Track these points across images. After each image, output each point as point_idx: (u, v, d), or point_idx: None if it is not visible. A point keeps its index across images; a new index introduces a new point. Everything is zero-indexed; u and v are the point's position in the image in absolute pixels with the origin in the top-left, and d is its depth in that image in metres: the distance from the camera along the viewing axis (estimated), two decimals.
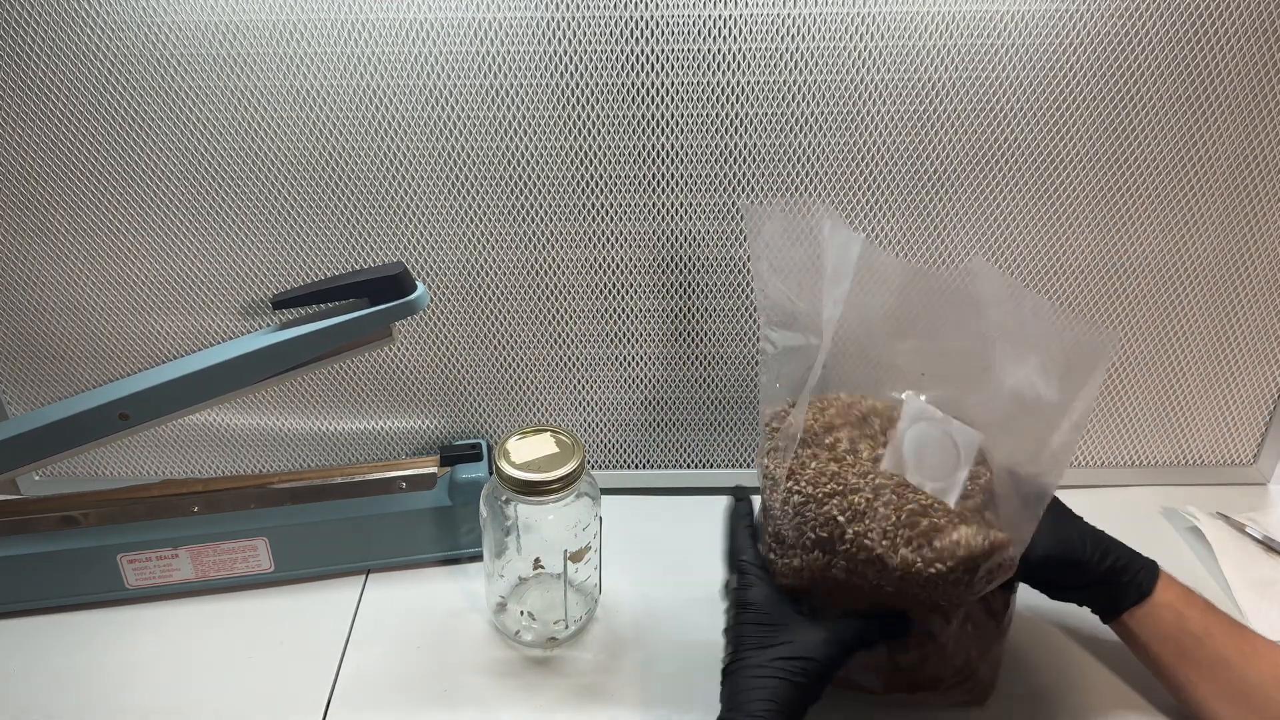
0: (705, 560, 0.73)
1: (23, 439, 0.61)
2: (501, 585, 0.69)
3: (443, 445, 0.79)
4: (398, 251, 0.74)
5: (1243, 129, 0.70)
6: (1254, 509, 0.81)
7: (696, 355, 0.80)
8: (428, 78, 0.67)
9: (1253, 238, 0.75)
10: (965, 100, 0.69)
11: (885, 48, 0.67)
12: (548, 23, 0.66)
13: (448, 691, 0.65)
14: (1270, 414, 0.83)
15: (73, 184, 0.70)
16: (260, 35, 0.65)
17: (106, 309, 0.76)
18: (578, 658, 0.67)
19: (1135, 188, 0.73)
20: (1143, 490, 0.85)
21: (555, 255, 0.75)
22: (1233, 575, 0.74)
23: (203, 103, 0.68)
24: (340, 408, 0.81)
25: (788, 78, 0.68)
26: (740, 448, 0.85)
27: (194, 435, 0.82)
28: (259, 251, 0.74)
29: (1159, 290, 0.77)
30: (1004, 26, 0.66)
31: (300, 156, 0.70)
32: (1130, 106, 0.69)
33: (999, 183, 0.72)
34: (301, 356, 0.63)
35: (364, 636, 0.69)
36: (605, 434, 0.84)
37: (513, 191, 0.72)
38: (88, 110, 0.68)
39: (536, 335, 0.79)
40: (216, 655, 0.68)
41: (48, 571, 0.70)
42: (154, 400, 0.61)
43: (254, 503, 0.72)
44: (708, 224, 0.74)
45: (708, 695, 0.64)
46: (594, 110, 0.69)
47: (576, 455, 0.64)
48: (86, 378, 0.79)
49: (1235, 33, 0.66)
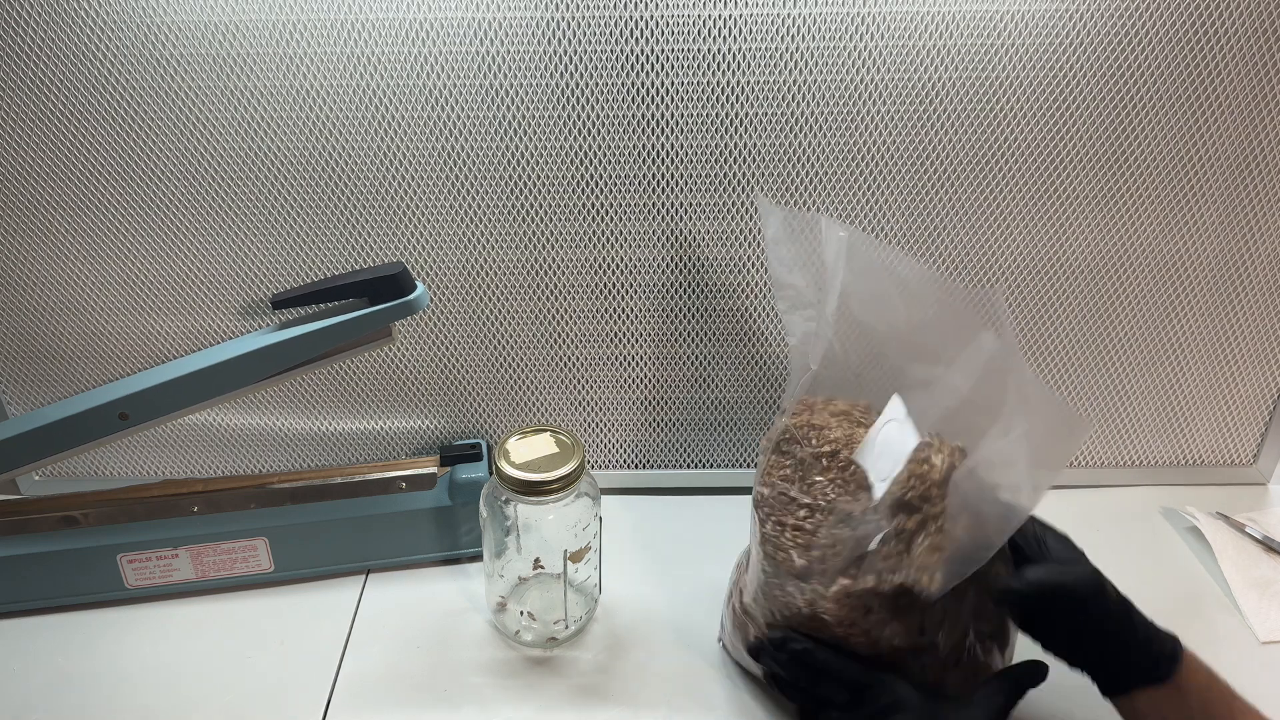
0: (705, 560, 0.73)
1: (23, 439, 0.61)
2: (501, 585, 0.69)
3: (443, 445, 0.79)
4: (398, 251, 0.74)
5: (1243, 129, 0.70)
6: (1254, 509, 0.81)
7: (696, 355, 0.80)
8: (428, 78, 0.67)
9: (1253, 238, 0.75)
10: (965, 100, 0.69)
11: (885, 48, 0.67)
12: (548, 23, 0.66)
13: (448, 691, 0.65)
14: (1270, 414, 0.83)
15: (72, 184, 0.70)
16: (260, 35, 0.65)
17: (106, 309, 0.76)
18: (578, 658, 0.67)
19: (1135, 188, 0.73)
20: (1142, 490, 0.85)
21: (555, 255, 0.75)
22: (1233, 575, 0.74)
23: (202, 102, 0.68)
24: (340, 408, 0.81)
25: (788, 78, 0.68)
26: (740, 448, 0.85)
27: (194, 435, 0.82)
28: (258, 251, 0.74)
29: (1159, 290, 0.77)
30: (1004, 26, 0.66)
31: (300, 156, 0.70)
32: (1130, 106, 0.69)
33: (999, 183, 0.72)
34: (301, 356, 0.63)
35: (364, 636, 0.69)
36: (605, 434, 0.84)
37: (513, 191, 0.72)
38: (87, 110, 0.68)
39: (536, 335, 0.79)
40: (216, 655, 0.68)
41: (48, 571, 0.70)
42: (154, 400, 0.61)
43: (254, 503, 0.72)
44: (708, 224, 0.74)
45: (707, 695, 0.64)
46: (594, 110, 0.69)
47: (576, 455, 0.64)
48: (86, 378, 0.79)
49: (1235, 33, 0.66)
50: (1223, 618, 0.71)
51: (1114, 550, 0.56)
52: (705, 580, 0.72)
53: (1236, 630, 0.70)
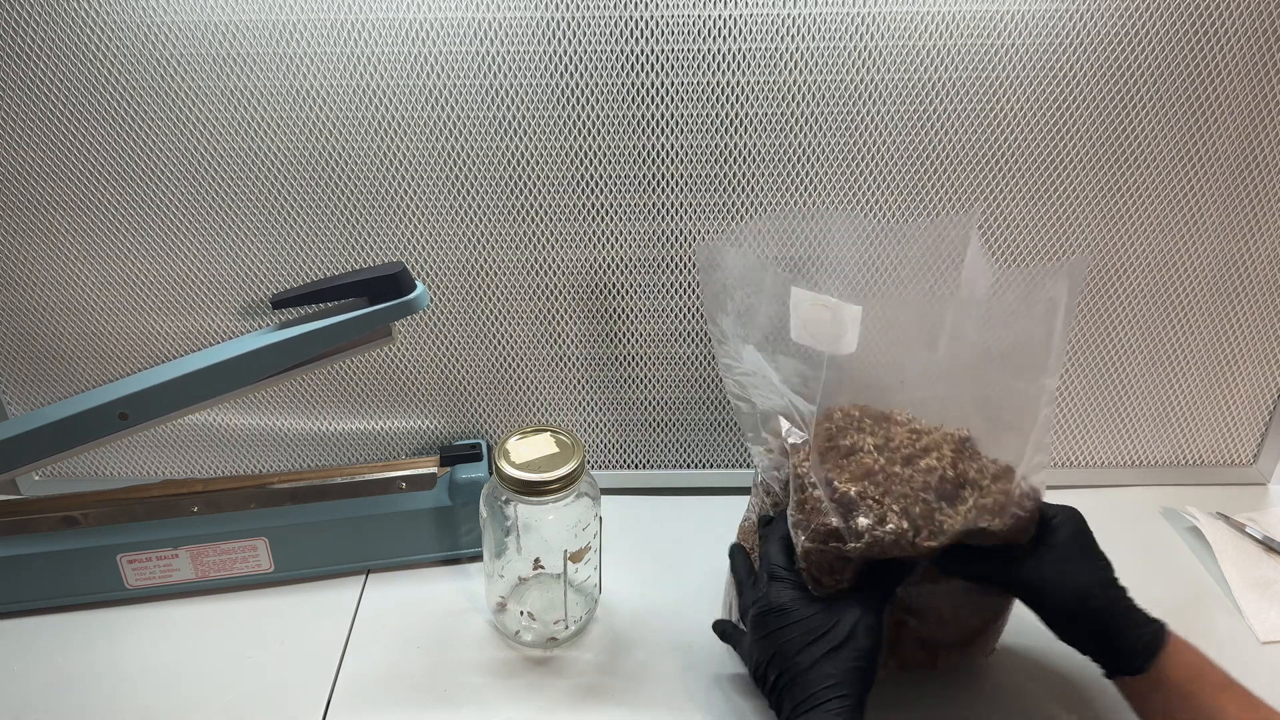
0: (705, 560, 0.73)
1: (23, 439, 0.61)
2: (501, 585, 0.69)
3: (443, 445, 0.79)
4: (398, 251, 0.74)
5: (1243, 129, 0.70)
6: (1254, 509, 0.81)
7: (696, 355, 0.80)
8: (428, 78, 0.67)
9: (1253, 238, 0.75)
10: (965, 100, 0.69)
11: (885, 48, 0.67)
12: (548, 23, 0.66)
13: (448, 691, 0.65)
14: (1270, 414, 0.83)
15: (72, 184, 0.70)
16: (260, 35, 0.65)
17: (106, 309, 0.76)
18: (578, 658, 0.67)
19: (1135, 188, 0.73)
20: (1143, 490, 0.85)
21: (555, 255, 0.75)
22: (1233, 575, 0.74)
23: (203, 102, 0.68)
24: (340, 408, 0.81)
25: (788, 78, 0.68)
26: (740, 448, 0.85)
27: (194, 435, 0.82)
28: (258, 251, 0.74)
29: (1159, 290, 0.77)
30: (1004, 26, 0.66)
31: (300, 156, 0.70)
32: (1130, 106, 0.69)
33: (999, 183, 0.72)
34: (301, 356, 0.63)
35: (364, 636, 0.69)
36: (605, 434, 0.84)
37: (513, 191, 0.72)
38: (87, 110, 0.68)
39: (536, 335, 0.79)
40: (216, 655, 0.68)
41: (48, 571, 0.70)
42: (154, 400, 0.61)
43: (254, 503, 0.72)
44: (708, 224, 0.74)
45: (707, 695, 0.64)
46: (594, 110, 0.69)
47: (576, 455, 0.64)
48: (86, 378, 0.79)
49: (1235, 33, 0.66)
50: (1223, 618, 0.71)
51: (1114, 550, 0.56)
52: (705, 580, 0.72)
53: (1236, 630, 0.70)
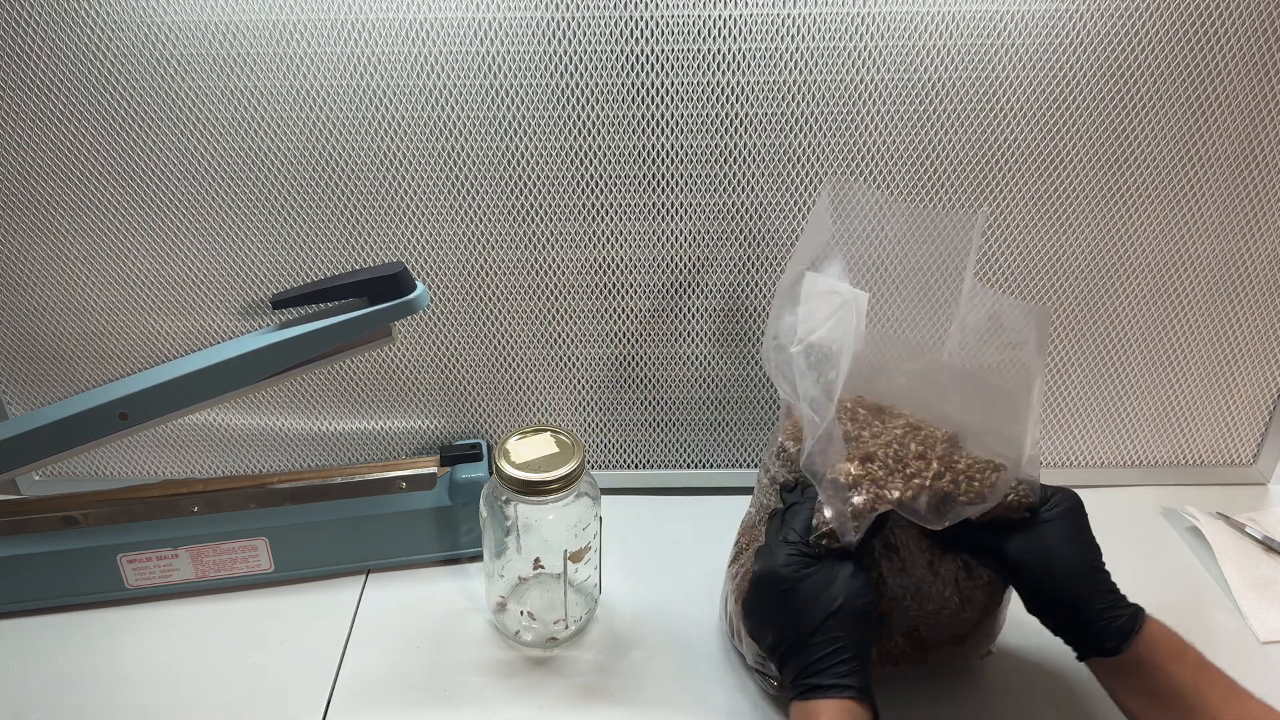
0: (705, 560, 0.73)
1: (23, 439, 0.61)
2: (501, 585, 0.69)
3: (443, 445, 0.79)
4: (398, 251, 0.74)
5: (1243, 129, 0.70)
6: (1254, 509, 0.81)
7: (696, 355, 0.80)
8: (428, 78, 0.67)
9: (1253, 238, 0.75)
10: (965, 100, 0.69)
11: (885, 48, 0.67)
12: (548, 23, 0.66)
13: (448, 691, 0.65)
14: (1270, 414, 0.83)
15: (72, 184, 0.70)
16: (260, 35, 0.65)
17: (106, 309, 0.76)
18: (578, 658, 0.67)
19: (1135, 188, 0.73)
20: (1143, 490, 0.85)
21: (555, 255, 0.75)
22: (1233, 575, 0.74)
23: (203, 102, 0.68)
24: (340, 408, 0.81)
25: (788, 78, 0.68)
26: (740, 448, 0.85)
27: (194, 435, 0.82)
28: (258, 251, 0.74)
29: (1159, 290, 0.77)
30: (1004, 26, 0.66)
31: (300, 156, 0.70)
32: (1130, 106, 0.69)
33: (999, 183, 0.72)
34: (301, 356, 0.63)
35: (364, 636, 0.69)
36: (605, 434, 0.84)
37: (513, 191, 0.72)
38: (87, 110, 0.68)
39: (536, 335, 0.79)
40: (216, 655, 0.68)
41: (48, 571, 0.70)
42: (154, 400, 0.61)
43: (254, 503, 0.72)
44: (708, 224, 0.74)
45: (707, 695, 0.64)
46: (594, 110, 0.69)
47: (576, 455, 0.64)
48: (86, 378, 0.79)
49: (1235, 33, 0.66)
50: (1223, 618, 0.71)
51: (1114, 550, 0.56)
52: (705, 580, 0.72)
53: (1236, 630, 0.70)
